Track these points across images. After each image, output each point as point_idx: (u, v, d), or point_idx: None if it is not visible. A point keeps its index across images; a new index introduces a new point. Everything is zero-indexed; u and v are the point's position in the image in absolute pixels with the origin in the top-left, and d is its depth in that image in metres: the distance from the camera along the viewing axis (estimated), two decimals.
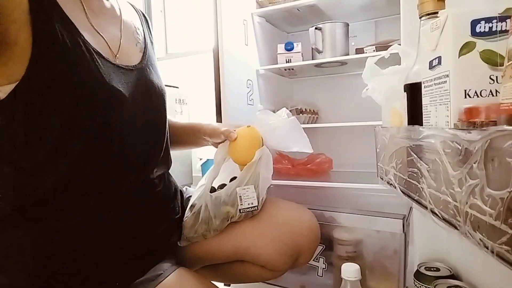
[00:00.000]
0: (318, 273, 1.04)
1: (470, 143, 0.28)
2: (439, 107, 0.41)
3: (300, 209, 0.86)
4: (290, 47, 1.33)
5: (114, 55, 0.63)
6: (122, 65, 0.63)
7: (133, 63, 0.66)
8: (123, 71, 0.63)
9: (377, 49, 1.17)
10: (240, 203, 0.73)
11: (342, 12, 1.35)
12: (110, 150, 0.60)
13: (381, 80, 0.66)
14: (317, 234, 0.84)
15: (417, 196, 0.45)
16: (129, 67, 0.64)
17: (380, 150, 0.65)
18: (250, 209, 0.74)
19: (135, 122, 0.64)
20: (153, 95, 0.69)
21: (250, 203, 0.73)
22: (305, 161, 1.38)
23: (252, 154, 0.74)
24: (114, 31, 0.66)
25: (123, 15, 0.70)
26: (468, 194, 0.29)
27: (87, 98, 0.55)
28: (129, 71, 0.64)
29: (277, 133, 0.78)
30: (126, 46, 0.67)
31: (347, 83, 1.52)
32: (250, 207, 0.73)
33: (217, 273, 0.84)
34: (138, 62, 0.68)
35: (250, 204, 0.73)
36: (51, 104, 0.53)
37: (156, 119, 0.71)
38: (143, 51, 0.71)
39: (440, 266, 0.75)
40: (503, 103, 0.31)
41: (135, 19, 0.75)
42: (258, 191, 0.74)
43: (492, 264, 0.26)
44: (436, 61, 0.42)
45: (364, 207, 0.99)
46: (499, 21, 0.37)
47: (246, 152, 0.75)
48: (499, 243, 0.25)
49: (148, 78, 0.69)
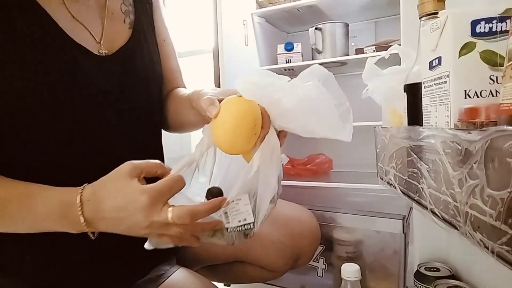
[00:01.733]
0: (318, 274, 1.04)
1: (470, 143, 0.28)
2: (439, 107, 0.41)
3: (300, 210, 0.85)
4: (290, 47, 1.33)
5: (98, 42, 0.59)
6: (106, 53, 0.59)
7: (120, 44, 0.61)
8: (105, 60, 0.58)
9: (377, 49, 1.17)
10: (226, 221, 0.48)
11: (342, 13, 1.35)
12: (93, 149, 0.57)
13: (381, 80, 0.66)
14: (317, 235, 0.83)
15: (417, 197, 0.45)
16: (113, 54, 0.60)
17: (380, 150, 0.65)
18: (241, 227, 0.49)
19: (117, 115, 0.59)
20: (139, 81, 0.63)
21: (243, 219, 0.49)
22: (305, 161, 1.38)
23: (242, 139, 0.49)
24: (95, 15, 0.60)
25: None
26: (468, 195, 0.29)
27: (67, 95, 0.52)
28: (113, 59, 0.60)
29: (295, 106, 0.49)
30: (111, 28, 0.61)
31: (347, 83, 1.52)
32: (241, 225, 0.49)
33: (216, 273, 0.84)
34: (125, 41, 0.62)
35: (241, 220, 0.49)
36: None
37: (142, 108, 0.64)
38: (133, 24, 0.65)
39: (440, 266, 0.75)
40: (503, 104, 0.31)
41: None
42: (255, 202, 0.50)
43: (492, 265, 0.26)
44: (436, 61, 0.42)
45: (364, 208, 0.99)
46: (499, 22, 0.37)
47: (232, 136, 0.49)
48: (499, 244, 0.25)
49: (136, 60, 0.63)
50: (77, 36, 0.55)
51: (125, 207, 0.44)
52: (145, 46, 0.66)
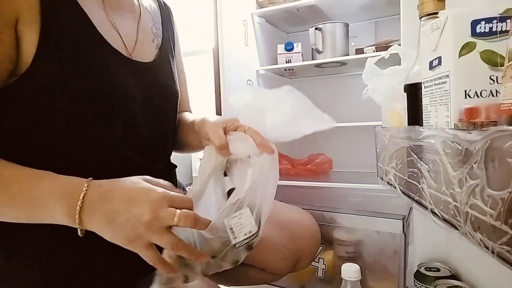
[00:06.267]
0: (318, 274, 1.04)
1: (470, 143, 0.28)
2: (439, 108, 0.41)
3: (301, 212, 0.85)
4: (290, 47, 1.34)
5: (129, 52, 0.62)
6: (137, 60, 0.62)
7: (148, 59, 0.65)
8: (137, 66, 0.62)
9: (377, 49, 1.17)
10: (233, 236, 0.51)
11: (342, 12, 1.35)
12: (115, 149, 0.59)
13: (381, 80, 0.66)
14: (318, 238, 0.83)
15: (417, 197, 0.45)
16: (143, 63, 0.63)
17: (380, 150, 0.65)
18: (248, 239, 0.53)
19: (142, 120, 0.62)
20: (163, 95, 0.67)
21: (248, 231, 0.52)
22: (305, 161, 1.38)
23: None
24: (131, 27, 0.65)
25: (142, 9, 0.69)
26: (469, 195, 0.29)
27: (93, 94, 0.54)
28: (143, 67, 0.63)
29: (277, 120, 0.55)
30: (142, 43, 0.65)
31: (347, 83, 1.53)
32: (247, 237, 0.52)
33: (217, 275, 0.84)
34: (152, 59, 0.67)
35: (247, 233, 0.52)
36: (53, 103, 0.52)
37: (164, 119, 0.68)
38: (159, 47, 0.70)
39: (440, 266, 0.75)
40: (503, 104, 0.30)
41: (154, 12, 0.73)
42: (257, 211, 0.53)
43: (492, 265, 0.26)
44: (436, 61, 0.42)
45: (364, 208, 0.99)
46: (499, 22, 0.37)
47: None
48: (499, 244, 0.25)
49: (161, 76, 0.67)
50: (113, 43, 0.58)
51: (136, 195, 0.45)
52: (169, 67, 0.70)
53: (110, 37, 0.58)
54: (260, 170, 0.54)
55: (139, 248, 0.46)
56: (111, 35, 0.59)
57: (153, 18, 0.72)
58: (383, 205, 0.99)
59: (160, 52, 0.69)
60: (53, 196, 0.46)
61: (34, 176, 0.48)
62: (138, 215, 0.44)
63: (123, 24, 0.63)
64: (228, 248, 0.52)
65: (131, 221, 0.44)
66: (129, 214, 0.44)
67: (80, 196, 0.45)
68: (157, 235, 0.45)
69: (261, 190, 0.53)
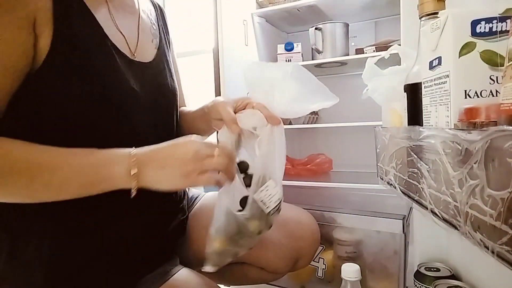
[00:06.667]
0: (318, 274, 1.04)
1: (470, 143, 0.28)
2: (439, 108, 0.41)
3: (300, 212, 0.85)
4: (290, 47, 1.34)
5: (132, 53, 0.63)
6: (139, 60, 0.64)
7: (148, 59, 0.67)
8: (139, 67, 0.63)
9: (377, 49, 1.17)
10: (266, 207, 0.59)
11: (342, 12, 1.35)
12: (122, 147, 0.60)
13: (381, 80, 0.66)
14: (317, 237, 0.84)
15: (417, 197, 0.45)
16: (145, 63, 0.65)
17: (380, 150, 0.65)
18: (278, 205, 0.60)
19: (146, 120, 0.63)
20: (165, 93, 0.69)
21: (277, 199, 0.59)
22: (305, 161, 1.38)
23: None
24: (133, 28, 0.67)
25: (141, 10, 0.70)
26: (469, 195, 0.29)
27: (101, 95, 0.55)
28: (145, 67, 0.65)
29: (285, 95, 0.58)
30: (142, 43, 0.67)
31: (347, 83, 1.52)
32: (277, 204, 0.60)
33: (216, 274, 0.84)
34: (152, 58, 0.68)
35: (276, 200, 0.59)
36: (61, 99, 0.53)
37: (166, 118, 0.70)
38: (158, 46, 0.71)
39: (440, 266, 0.75)
40: (503, 104, 0.31)
41: (151, 13, 0.75)
42: (277, 177, 0.60)
43: (492, 265, 0.26)
44: (436, 61, 0.42)
45: (364, 208, 1.00)
46: (499, 22, 0.37)
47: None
48: (499, 244, 0.25)
49: (161, 75, 0.69)
50: (118, 44, 0.60)
51: (178, 142, 0.53)
52: (167, 67, 0.72)
53: (116, 38, 0.60)
54: (268, 138, 0.59)
55: (195, 179, 0.51)
56: (116, 37, 0.61)
57: (150, 18, 0.73)
58: (383, 205, 0.99)
59: (158, 52, 0.70)
60: (109, 159, 0.51)
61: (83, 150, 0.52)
62: (183, 154, 0.51)
63: (125, 25, 0.64)
64: (264, 218, 0.59)
65: (179, 161, 0.51)
66: (176, 156, 0.51)
67: (132, 153, 0.51)
68: (206, 162, 0.51)
69: (274, 158, 0.59)
